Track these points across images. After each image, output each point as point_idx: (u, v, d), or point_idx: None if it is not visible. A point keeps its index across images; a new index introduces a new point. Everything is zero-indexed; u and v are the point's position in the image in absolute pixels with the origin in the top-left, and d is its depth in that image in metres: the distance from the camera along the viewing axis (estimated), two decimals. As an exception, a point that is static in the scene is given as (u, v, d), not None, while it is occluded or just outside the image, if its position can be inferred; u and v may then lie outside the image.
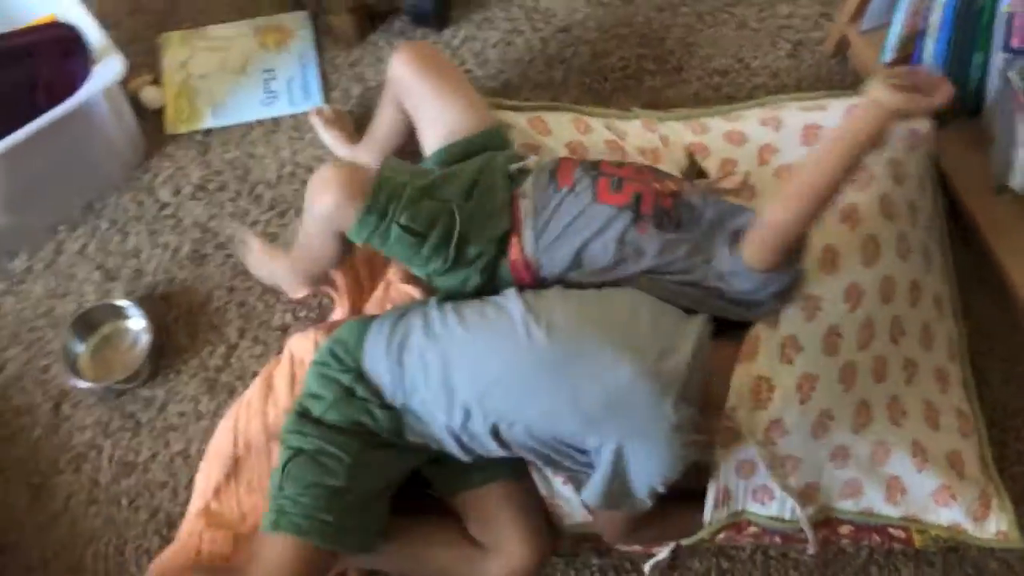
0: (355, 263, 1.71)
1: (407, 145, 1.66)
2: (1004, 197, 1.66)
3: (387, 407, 1.37)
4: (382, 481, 1.38)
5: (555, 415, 1.31)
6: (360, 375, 1.37)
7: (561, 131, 1.71)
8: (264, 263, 1.69)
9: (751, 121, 1.73)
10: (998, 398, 1.60)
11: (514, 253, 1.41)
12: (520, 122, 1.68)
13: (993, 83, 1.62)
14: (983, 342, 1.64)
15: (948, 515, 1.44)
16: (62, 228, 1.81)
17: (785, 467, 1.39)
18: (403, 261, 1.45)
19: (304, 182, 1.84)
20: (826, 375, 1.38)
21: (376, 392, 1.37)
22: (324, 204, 1.37)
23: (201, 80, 1.95)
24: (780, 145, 1.66)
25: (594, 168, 1.45)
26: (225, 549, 1.47)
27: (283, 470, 1.34)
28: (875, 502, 1.44)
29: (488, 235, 1.40)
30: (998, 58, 1.56)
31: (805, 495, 1.42)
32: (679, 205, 1.40)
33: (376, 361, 1.37)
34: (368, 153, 1.72)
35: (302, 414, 1.38)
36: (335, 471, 1.32)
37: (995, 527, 1.44)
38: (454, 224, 1.37)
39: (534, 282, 1.42)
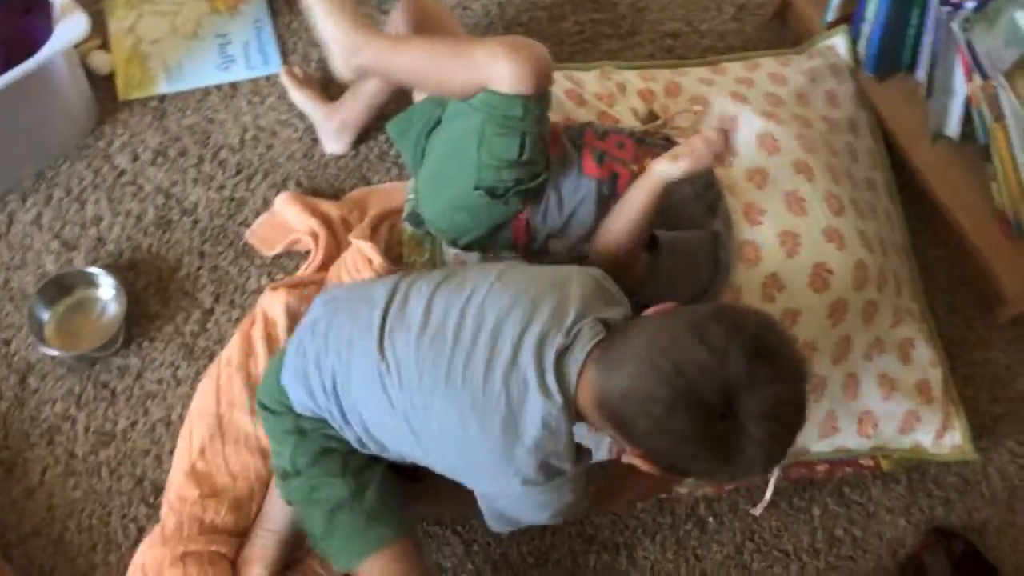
0: (334, 221, 1.71)
1: (391, 103, 1.66)
2: (941, 144, 1.80)
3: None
4: (378, 464, 1.34)
5: (423, 462, 1.26)
6: (298, 414, 1.31)
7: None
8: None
9: (692, 78, 1.82)
10: (943, 329, 1.73)
11: (522, 213, 1.43)
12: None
13: (929, 37, 1.75)
14: (926, 276, 1.76)
15: (912, 438, 1.56)
16: (11, 197, 1.73)
17: None
18: (457, 158, 1.38)
19: (269, 146, 1.82)
20: (810, 310, 1.47)
21: (322, 419, 1.29)
22: (519, 64, 1.27)
23: (153, 45, 1.89)
24: (711, 98, 1.74)
25: (580, 138, 1.48)
26: (229, 520, 1.44)
27: (305, 525, 1.33)
28: (848, 438, 1.53)
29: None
30: (936, 12, 1.68)
31: None
32: None
33: (298, 395, 1.29)
34: (351, 110, 1.71)
35: (281, 474, 1.34)
36: (337, 492, 1.28)
37: (951, 442, 1.56)
38: (543, 171, 1.37)
39: (528, 242, 1.45)
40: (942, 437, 1.56)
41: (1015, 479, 1.64)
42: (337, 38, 1.40)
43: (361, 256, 1.61)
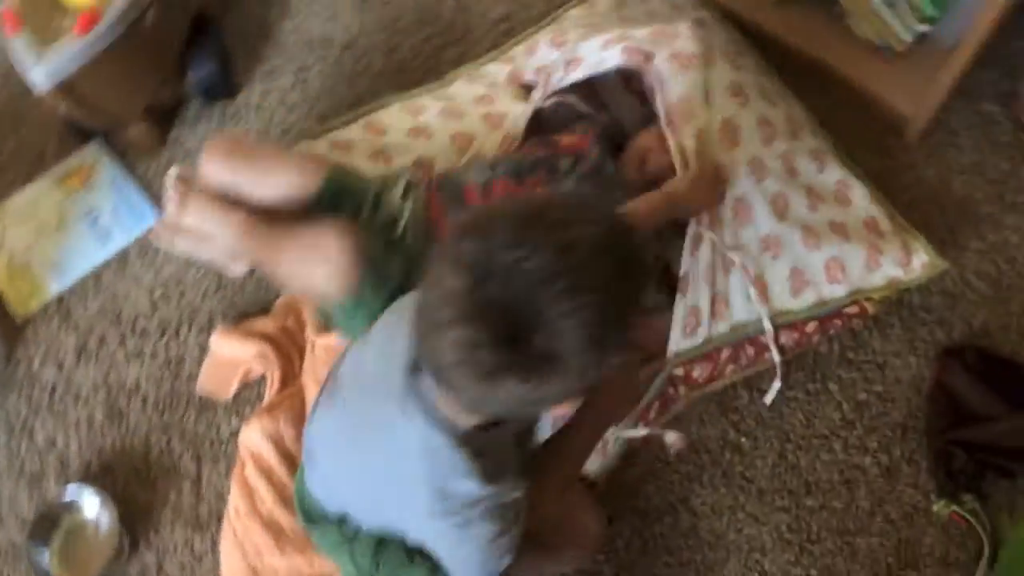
0: (275, 336, 1.68)
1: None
2: (787, 7, 1.83)
3: None
4: None
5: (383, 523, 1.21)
6: (337, 521, 1.25)
7: (398, 123, 1.74)
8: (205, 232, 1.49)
9: (543, 41, 1.84)
10: (867, 167, 1.72)
11: None
12: (357, 134, 1.70)
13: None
14: (830, 129, 1.74)
15: (882, 274, 1.57)
16: (-40, 464, 1.67)
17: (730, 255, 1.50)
18: (348, 326, 1.41)
19: (181, 294, 1.79)
20: (731, 164, 1.51)
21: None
22: (333, 281, 1.30)
23: (26, 253, 1.84)
24: (569, 37, 1.78)
25: (460, 198, 1.46)
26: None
27: None
28: (822, 288, 1.55)
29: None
30: None
31: (757, 286, 1.52)
32: None
33: (323, 495, 1.25)
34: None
35: None
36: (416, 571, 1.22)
37: (919, 263, 1.58)
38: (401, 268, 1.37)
39: None
40: (909, 263, 1.58)
41: (992, 272, 1.68)
42: (213, 247, 1.50)
43: (334, 351, 1.59)
